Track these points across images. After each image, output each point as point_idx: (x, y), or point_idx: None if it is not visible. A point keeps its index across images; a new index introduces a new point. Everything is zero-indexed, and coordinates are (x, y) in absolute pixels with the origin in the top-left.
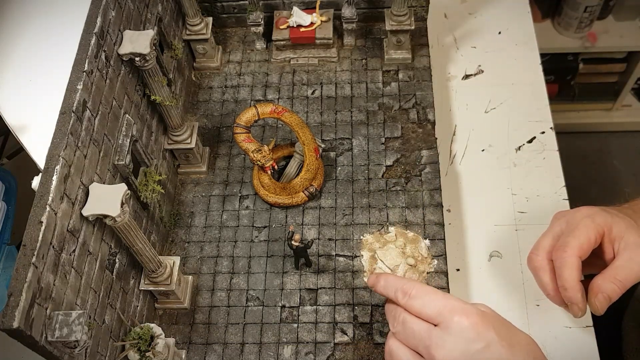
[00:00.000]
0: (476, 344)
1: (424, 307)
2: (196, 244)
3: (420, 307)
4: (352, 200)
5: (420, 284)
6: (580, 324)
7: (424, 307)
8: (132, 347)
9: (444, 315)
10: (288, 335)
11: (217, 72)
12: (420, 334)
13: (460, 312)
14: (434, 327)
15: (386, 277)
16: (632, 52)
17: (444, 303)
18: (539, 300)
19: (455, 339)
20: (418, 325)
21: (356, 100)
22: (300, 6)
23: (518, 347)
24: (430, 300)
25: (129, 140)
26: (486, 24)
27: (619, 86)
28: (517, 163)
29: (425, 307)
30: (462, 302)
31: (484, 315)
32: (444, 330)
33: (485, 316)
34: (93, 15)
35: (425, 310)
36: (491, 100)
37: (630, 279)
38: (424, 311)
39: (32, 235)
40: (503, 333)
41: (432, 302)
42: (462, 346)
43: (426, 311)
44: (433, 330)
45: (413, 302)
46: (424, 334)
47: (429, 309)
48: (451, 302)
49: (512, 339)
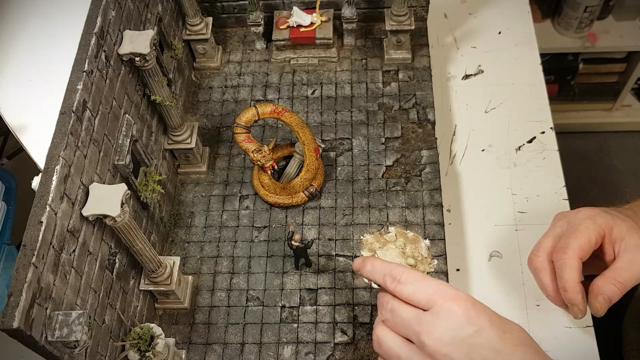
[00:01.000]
0: (467, 329)
1: (414, 293)
2: (196, 244)
3: (411, 292)
4: (352, 200)
5: (409, 269)
6: (580, 324)
7: (414, 293)
8: (132, 347)
9: (434, 301)
10: (288, 335)
11: (217, 72)
12: (409, 321)
13: (452, 297)
14: (423, 313)
15: (372, 261)
16: (632, 52)
17: (434, 289)
18: (539, 301)
19: (446, 324)
20: (407, 312)
21: (356, 100)
22: (300, 6)
23: (509, 334)
24: (421, 285)
25: (129, 140)
26: (486, 24)
27: (619, 86)
28: (517, 163)
29: (415, 292)
30: (453, 288)
31: (475, 301)
32: (434, 316)
33: (476, 303)
34: (93, 15)
35: (416, 295)
36: (491, 100)
37: (631, 280)
38: (414, 297)
39: (32, 235)
40: (495, 320)
41: (422, 287)
42: (453, 331)
43: (417, 297)
44: (423, 316)
45: (403, 287)
46: (414, 320)
47: (420, 295)
48: (442, 288)
49: (503, 326)
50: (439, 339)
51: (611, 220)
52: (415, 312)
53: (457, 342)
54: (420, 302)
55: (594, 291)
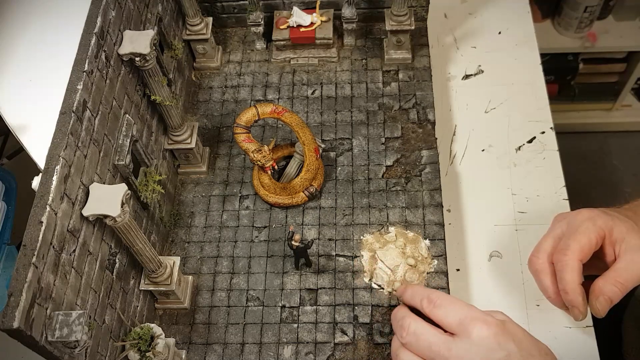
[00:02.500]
0: (497, 353)
1: (446, 316)
2: (196, 244)
3: (443, 315)
4: (352, 200)
5: (444, 294)
6: (580, 324)
7: (446, 316)
8: (132, 347)
9: (464, 325)
10: (288, 335)
11: (217, 72)
12: (437, 346)
13: (482, 321)
14: (452, 339)
15: (413, 287)
16: (632, 52)
17: (465, 313)
18: (539, 301)
19: (477, 349)
20: (435, 337)
21: (356, 100)
22: (300, 6)
23: (537, 357)
24: (453, 309)
25: (129, 140)
26: (486, 24)
27: (619, 86)
28: (517, 163)
29: (447, 316)
30: (482, 312)
31: (503, 325)
32: (463, 340)
33: (505, 326)
34: (93, 15)
35: (448, 319)
36: (491, 100)
37: (632, 281)
38: (446, 320)
39: (33, 235)
40: (523, 344)
41: (454, 311)
42: (483, 355)
43: (448, 320)
44: (452, 342)
45: (437, 310)
46: (442, 345)
47: (451, 318)
48: (472, 312)
49: (531, 349)
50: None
51: (611, 221)
52: (443, 337)
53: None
54: (451, 324)
55: (595, 292)
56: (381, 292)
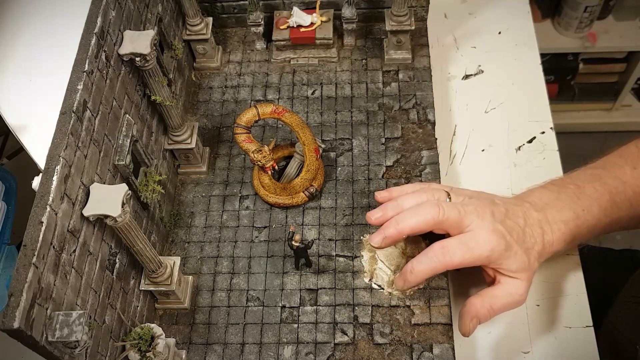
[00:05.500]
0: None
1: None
2: (196, 244)
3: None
4: (352, 200)
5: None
6: (580, 324)
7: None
8: (132, 348)
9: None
10: (288, 335)
11: (217, 72)
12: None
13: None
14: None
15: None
16: (632, 52)
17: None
18: (539, 300)
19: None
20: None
21: (356, 100)
22: (300, 6)
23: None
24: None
25: (129, 141)
26: (486, 24)
27: (619, 86)
28: (517, 163)
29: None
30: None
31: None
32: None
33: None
34: (93, 16)
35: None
36: (491, 100)
37: (502, 310)
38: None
39: (33, 236)
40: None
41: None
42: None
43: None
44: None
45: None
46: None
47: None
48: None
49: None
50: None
51: (459, 215)
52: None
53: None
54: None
55: (470, 312)
56: (381, 293)
